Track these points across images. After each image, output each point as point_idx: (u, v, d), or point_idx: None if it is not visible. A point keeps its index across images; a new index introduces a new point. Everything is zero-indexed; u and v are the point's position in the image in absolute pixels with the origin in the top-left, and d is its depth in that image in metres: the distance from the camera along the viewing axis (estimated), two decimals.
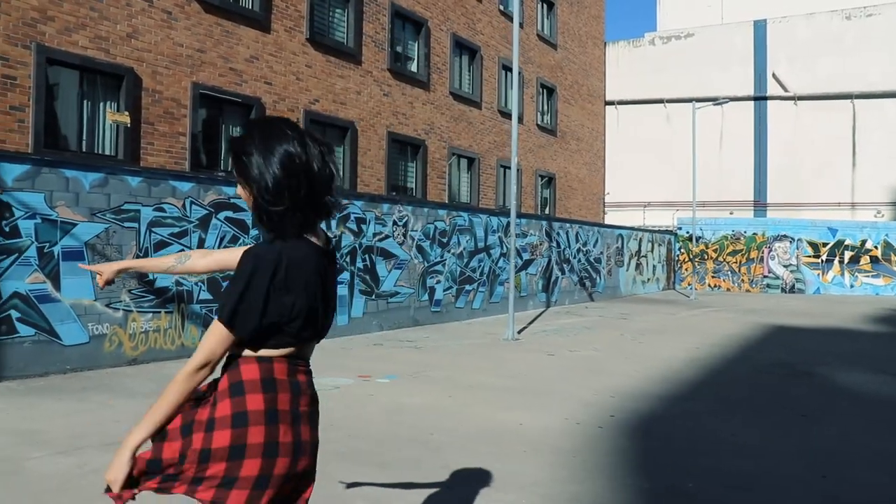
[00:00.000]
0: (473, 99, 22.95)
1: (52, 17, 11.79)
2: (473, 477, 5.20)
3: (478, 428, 6.60)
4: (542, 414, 7.23)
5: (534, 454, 5.81)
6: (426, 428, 6.54)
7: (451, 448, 5.91)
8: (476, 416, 7.05)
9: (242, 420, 2.21)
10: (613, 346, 12.42)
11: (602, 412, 7.35)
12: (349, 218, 12.67)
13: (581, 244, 22.35)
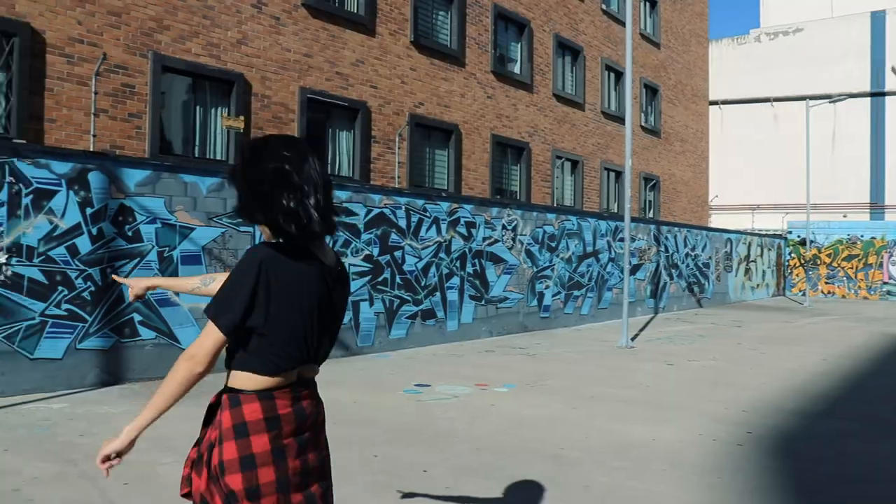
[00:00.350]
0: (576, 100, 22.49)
1: (167, 26, 11.97)
2: (615, 498, 4.86)
3: (608, 442, 6.25)
4: (672, 428, 6.83)
5: (674, 473, 5.43)
6: (554, 441, 6.22)
7: (585, 464, 5.58)
8: (603, 430, 6.69)
9: (250, 463, 2.24)
10: (733, 356, 11.84)
11: (737, 428, 6.89)
12: (459, 222, 12.45)
13: (689, 248, 21.62)
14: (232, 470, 2.24)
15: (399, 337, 11.35)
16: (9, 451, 5.49)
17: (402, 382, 8.72)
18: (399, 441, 6.07)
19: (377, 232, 10.93)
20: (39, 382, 7.53)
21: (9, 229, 7.29)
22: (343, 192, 10.42)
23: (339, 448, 5.80)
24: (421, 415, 7.10)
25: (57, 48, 10.73)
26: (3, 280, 7.26)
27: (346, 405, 7.41)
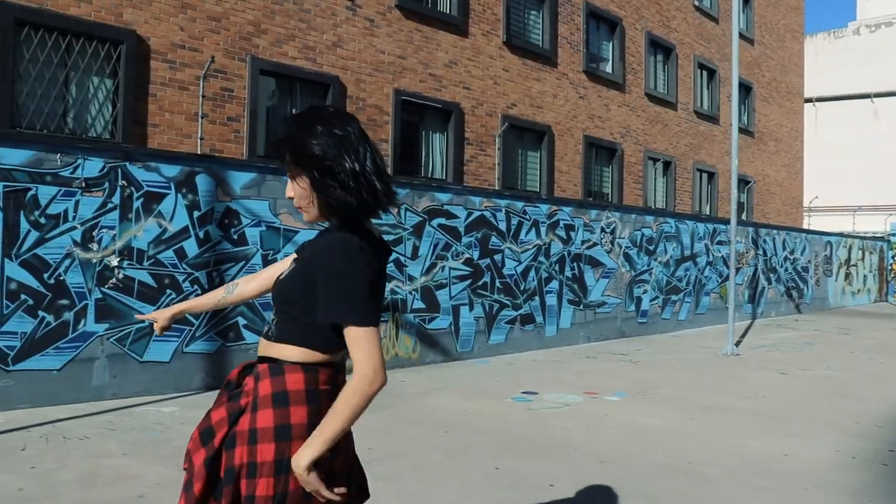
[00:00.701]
0: (668, 100, 21.92)
1: (265, 30, 12.01)
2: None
3: (738, 457, 5.89)
4: (803, 443, 6.42)
5: (821, 494, 5.05)
6: (681, 455, 5.90)
7: (722, 482, 5.24)
8: (730, 444, 6.33)
9: (286, 433, 2.13)
10: (849, 366, 11.25)
11: (877, 445, 6.44)
12: (558, 224, 12.15)
13: (788, 252, 20.82)
14: (265, 439, 2.13)
15: (498, 342, 11.12)
16: (128, 455, 5.45)
17: (508, 390, 8.48)
18: (517, 452, 5.83)
19: (477, 235, 10.72)
20: (148, 385, 7.54)
21: (120, 232, 7.32)
22: (444, 195, 10.24)
23: (458, 459, 5.60)
24: (534, 424, 6.85)
25: (160, 54, 10.85)
26: (114, 283, 7.29)
27: (456, 413, 7.21)
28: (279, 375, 2.18)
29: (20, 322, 6.77)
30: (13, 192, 6.72)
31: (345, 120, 2.22)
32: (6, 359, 6.69)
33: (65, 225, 7.01)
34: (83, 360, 7.13)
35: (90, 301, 7.16)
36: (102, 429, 6.20)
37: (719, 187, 24.62)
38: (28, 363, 6.82)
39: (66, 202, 7.02)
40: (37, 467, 5.11)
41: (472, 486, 4.98)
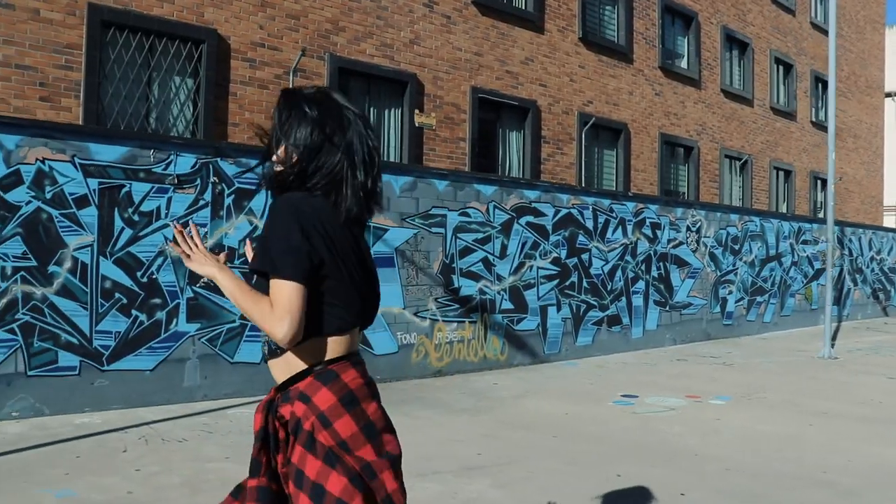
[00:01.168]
0: (745, 96, 21.27)
1: (343, 27, 11.85)
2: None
3: (872, 466, 5.48)
4: None
5: None
6: (809, 463, 5.50)
7: (864, 493, 4.85)
8: (858, 452, 5.91)
9: (333, 460, 1.99)
10: None
11: None
12: (644, 223, 11.76)
13: (874, 252, 20.02)
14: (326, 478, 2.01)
15: (585, 344, 10.77)
16: (230, 460, 5.27)
17: (605, 393, 8.14)
18: (636, 458, 5.50)
19: (565, 233, 10.40)
20: (238, 386, 7.39)
21: (212, 230, 7.19)
22: (532, 192, 9.96)
23: (575, 465, 5.29)
24: (643, 429, 6.51)
25: (240, 53, 10.75)
26: (206, 282, 7.15)
27: (558, 417, 6.90)
28: (308, 403, 2.04)
29: (115, 321, 6.66)
30: (108, 188, 6.63)
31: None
32: (101, 358, 6.59)
33: (157, 222, 6.89)
34: (175, 361, 7.01)
35: (182, 300, 7.03)
36: (199, 431, 6.04)
37: (796, 185, 23.84)
38: (122, 363, 6.71)
39: (159, 199, 6.91)
40: (141, 470, 4.95)
41: (597, 494, 4.66)
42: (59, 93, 9.24)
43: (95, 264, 6.56)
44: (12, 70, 8.89)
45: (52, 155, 6.38)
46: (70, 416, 6.33)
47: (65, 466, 4.97)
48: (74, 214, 6.47)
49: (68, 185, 6.44)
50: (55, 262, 6.37)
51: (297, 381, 2.06)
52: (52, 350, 6.35)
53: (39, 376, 6.30)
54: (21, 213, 6.22)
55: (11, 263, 6.17)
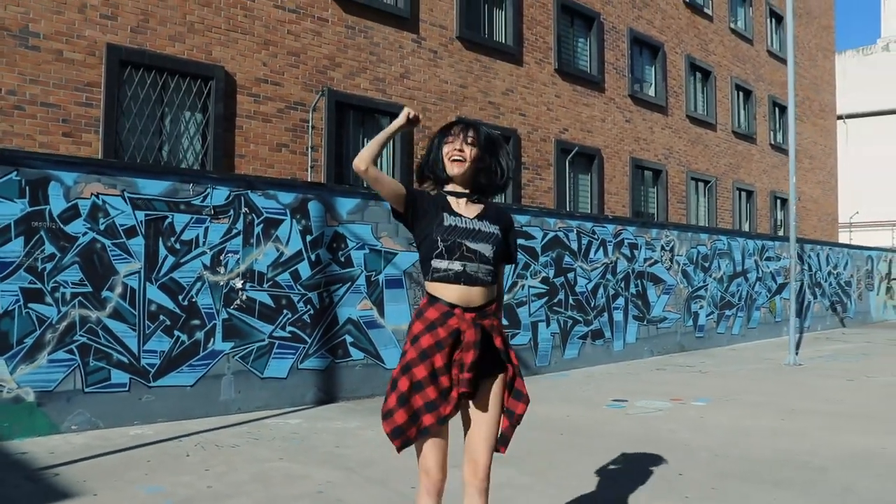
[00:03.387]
0: (709, 121, 22.42)
1: (339, 63, 12.63)
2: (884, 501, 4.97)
3: (842, 450, 6.33)
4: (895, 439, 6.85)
5: None
6: (788, 450, 6.34)
7: (836, 471, 5.68)
8: (831, 441, 6.75)
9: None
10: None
11: None
12: (623, 243, 12.65)
13: (831, 267, 21.16)
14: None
15: (571, 357, 11.59)
16: (285, 460, 5.96)
17: (598, 399, 8.95)
18: (638, 449, 6.30)
19: (552, 255, 11.23)
20: (267, 400, 8.06)
21: (244, 256, 7.89)
22: (523, 217, 10.78)
23: (588, 456, 6.07)
24: (639, 426, 7.31)
25: (245, 88, 11.48)
26: (238, 304, 7.84)
27: (561, 419, 7.67)
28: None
29: (159, 341, 7.32)
30: (153, 219, 7.31)
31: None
32: (148, 375, 7.24)
33: (196, 250, 7.58)
34: (212, 377, 7.67)
35: (218, 321, 7.71)
36: (247, 438, 6.72)
37: (758, 205, 25.02)
38: (166, 379, 7.36)
39: (198, 229, 7.60)
40: (210, 470, 5.62)
41: (610, 476, 5.45)
42: (80, 128, 9.89)
43: (143, 289, 7.23)
44: (38, 108, 9.54)
45: (104, 190, 7.05)
46: (123, 428, 6.96)
47: (141, 469, 5.63)
48: (124, 244, 7.14)
49: (119, 217, 7.11)
50: (108, 288, 7.03)
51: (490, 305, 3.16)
52: (105, 368, 7.00)
53: (95, 393, 6.93)
54: (78, 244, 6.88)
55: (70, 290, 6.82)
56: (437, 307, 3.04)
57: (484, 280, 3.07)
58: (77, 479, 5.29)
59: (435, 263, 3.06)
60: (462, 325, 3.01)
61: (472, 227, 3.10)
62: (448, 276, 3.03)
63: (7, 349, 6.44)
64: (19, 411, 6.49)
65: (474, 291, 3.05)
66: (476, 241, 3.07)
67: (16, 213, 6.54)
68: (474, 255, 3.06)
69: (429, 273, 3.09)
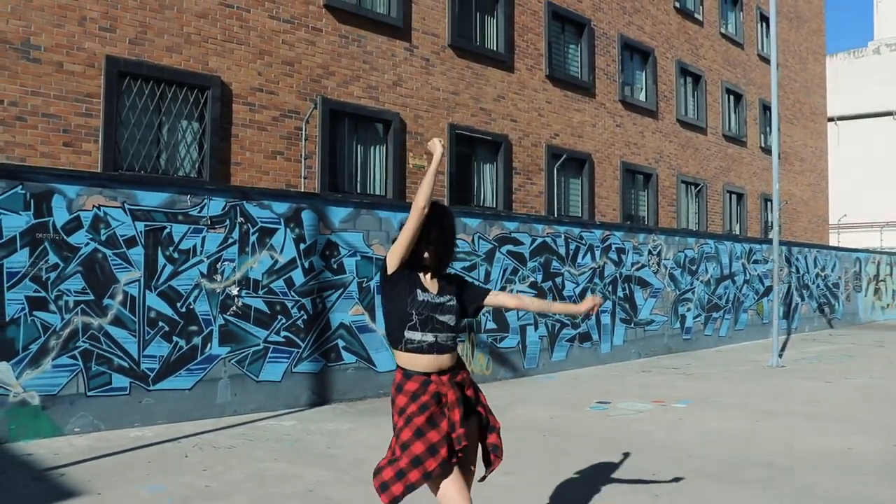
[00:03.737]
0: (699, 125, 22.74)
1: (332, 72, 12.93)
2: (845, 497, 5.28)
3: (808, 450, 6.66)
4: (862, 440, 7.17)
5: (886, 476, 5.81)
6: (757, 451, 6.66)
7: (799, 469, 6.01)
8: (799, 442, 7.08)
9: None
10: (889, 375, 11.96)
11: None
12: (610, 248, 12.97)
13: (819, 269, 21.51)
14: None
15: (559, 359, 11.91)
16: (279, 461, 6.27)
17: (583, 400, 9.27)
18: (615, 449, 6.61)
19: (540, 260, 11.55)
20: (262, 402, 8.37)
21: (239, 264, 8.20)
22: (511, 223, 11.10)
23: (565, 456, 6.39)
24: (618, 428, 7.63)
25: (241, 98, 11.76)
26: (234, 310, 8.15)
27: (545, 420, 7.99)
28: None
29: (158, 346, 7.63)
30: (152, 230, 7.61)
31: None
32: (147, 379, 7.55)
33: (194, 259, 7.89)
34: (209, 381, 7.98)
35: (214, 327, 8.02)
36: (242, 439, 7.03)
37: (748, 207, 25.35)
38: (165, 383, 7.67)
39: (195, 238, 7.90)
40: (208, 470, 5.93)
41: (586, 476, 5.76)
42: (80, 138, 10.17)
43: (142, 297, 7.54)
44: (39, 118, 9.82)
45: (105, 202, 7.36)
46: (124, 430, 7.27)
47: (142, 469, 5.93)
48: (125, 253, 7.44)
49: (119, 227, 7.42)
50: (109, 296, 7.34)
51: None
52: (107, 373, 7.30)
53: (97, 396, 7.24)
54: (81, 254, 7.19)
55: (73, 298, 7.12)
56: (415, 379, 3.36)
57: (451, 347, 3.44)
58: (81, 479, 5.59)
59: (408, 335, 3.36)
60: (442, 389, 3.36)
61: (438, 302, 3.42)
62: (421, 348, 3.35)
63: (13, 355, 6.74)
64: (25, 414, 6.79)
65: (443, 358, 3.41)
66: (443, 314, 3.41)
67: (21, 225, 6.84)
68: (442, 325, 3.40)
69: (401, 343, 3.38)
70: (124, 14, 10.52)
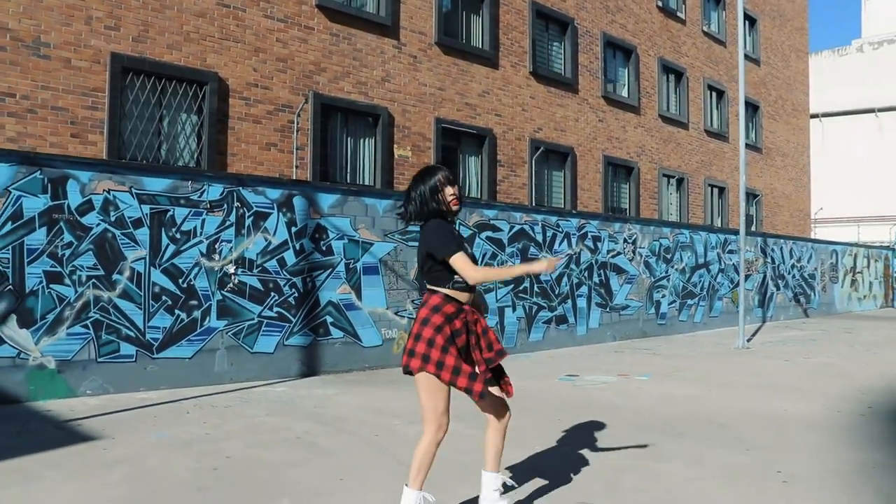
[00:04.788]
0: (681, 120, 23.50)
1: (324, 68, 13.65)
2: (767, 444, 6.05)
3: (748, 412, 7.42)
4: (800, 404, 7.93)
5: (813, 432, 6.58)
6: (702, 412, 7.42)
7: (735, 424, 6.77)
8: (742, 405, 7.84)
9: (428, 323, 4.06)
10: (847, 356, 12.71)
11: (858, 406, 7.94)
12: (587, 236, 13.72)
13: (795, 260, 22.30)
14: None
15: (537, 340, 12.66)
16: (271, 415, 7.02)
17: (553, 374, 10.03)
18: (573, 411, 7.37)
19: (518, 246, 12.30)
20: (256, 372, 9.11)
21: (236, 245, 8.93)
22: (491, 211, 11.84)
23: (527, 415, 7.14)
24: (582, 395, 8.39)
25: (237, 92, 12.49)
26: (231, 287, 8.88)
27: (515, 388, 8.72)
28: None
29: (162, 318, 8.36)
30: (157, 213, 8.34)
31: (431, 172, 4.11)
32: (152, 348, 8.28)
33: (194, 239, 8.62)
34: (208, 351, 8.71)
35: (213, 302, 8.75)
36: (238, 401, 7.77)
37: (730, 201, 26.12)
38: (167, 352, 8.40)
39: (195, 221, 8.63)
40: (207, 423, 6.68)
41: (543, 429, 6.52)
42: (86, 130, 10.88)
43: (148, 273, 8.27)
44: (49, 111, 10.53)
45: (115, 186, 8.08)
46: (130, 394, 8.00)
47: (149, 422, 6.67)
48: (132, 234, 8.17)
49: (127, 210, 8.14)
50: (117, 272, 8.07)
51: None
52: (115, 341, 8.03)
53: (106, 362, 7.97)
54: (92, 233, 7.91)
55: (86, 273, 7.85)
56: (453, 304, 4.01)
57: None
58: (97, 428, 6.33)
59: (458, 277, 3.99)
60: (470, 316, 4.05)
61: None
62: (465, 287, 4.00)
63: (32, 323, 7.48)
64: (43, 377, 7.53)
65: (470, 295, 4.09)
66: None
67: (39, 207, 7.57)
68: None
69: (449, 282, 4.01)
70: (128, 13, 11.23)
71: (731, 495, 4.72)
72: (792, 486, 4.94)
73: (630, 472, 5.20)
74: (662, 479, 5.06)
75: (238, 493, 4.65)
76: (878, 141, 35.29)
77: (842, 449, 5.97)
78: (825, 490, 4.86)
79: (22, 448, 5.64)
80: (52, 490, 4.68)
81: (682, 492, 4.78)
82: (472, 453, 5.36)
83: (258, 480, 4.92)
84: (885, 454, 5.82)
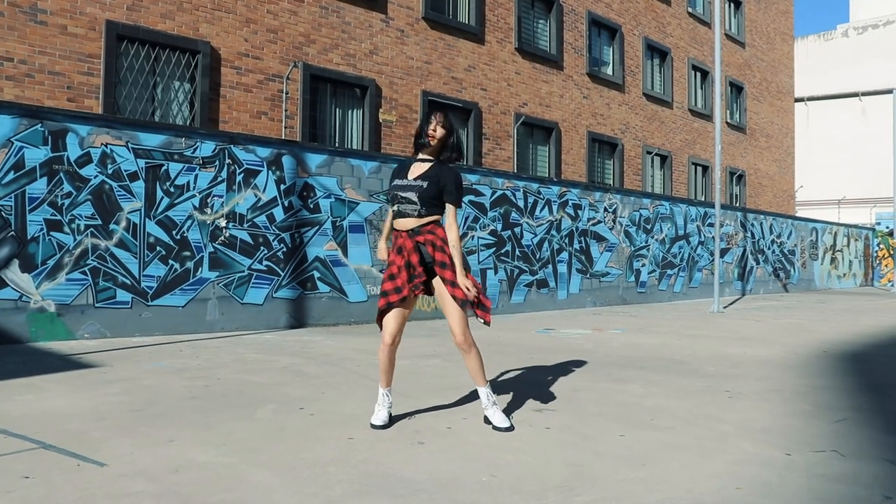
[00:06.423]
0: (665, 99, 23.93)
1: (313, 40, 14.03)
2: (720, 374, 6.52)
3: (710, 354, 7.90)
4: (763, 349, 8.41)
5: (767, 367, 7.06)
6: (667, 354, 7.90)
7: (694, 362, 7.25)
8: (706, 349, 8.33)
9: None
10: (815, 318, 13.22)
11: (816, 351, 8.43)
12: (567, 204, 14.17)
13: (775, 236, 22.80)
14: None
15: (518, 302, 13.13)
16: (258, 353, 7.46)
17: (532, 328, 10.50)
18: (545, 353, 7.84)
19: (500, 210, 12.74)
20: (246, 322, 9.55)
21: (227, 200, 9.34)
22: (473, 176, 12.27)
23: (503, 356, 7.60)
24: (557, 343, 8.86)
25: (229, 62, 12.86)
26: (222, 240, 9.30)
27: (493, 338, 9.20)
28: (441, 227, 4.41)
29: (156, 268, 8.78)
30: (152, 167, 8.75)
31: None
32: (147, 296, 8.70)
33: (187, 193, 9.03)
34: (200, 300, 9.14)
35: (205, 253, 9.18)
36: (229, 343, 8.21)
37: (713, 179, 26.59)
38: (161, 300, 8.83)
39: (188, 176, 9.04)
40: (199, 358, 7.12)
41: (516, 364, 6.98)
42: (82, 94, 11.25)
43: (143, 224, 8.68)
44: (46, 76, 10.89)
45: (112, 140, 8.48)
46: (126, 338, 8.43)
47: (145, 357, 7.11)
48: (128, 186, 8.58)
49: (124, 163, 8.55)
50: (114, 222, 8.48)
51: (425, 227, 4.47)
52: (112, 288, 8.46)
53: (103, 308, 8.39)
54: (91, 185, 8.32)
55: (84, 222, 8.26)
56: (395, 233, 4.54)
57: (410, 213, 4.46)
58: (97, 360, 6.77)
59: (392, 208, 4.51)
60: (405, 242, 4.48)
61: (406, 184, 4.50)
62: (396, 213, 4.49)
63: (33, 268, 7.89)
64: (43, 319, 7.95)
65: (405, 221, 4.48)
66: (405, 192, 4.48)
67: (40, 158, 7.97)
68: (405, 200, 4.48)
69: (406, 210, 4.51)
70: None
71: (678, 406, 5.18)
72: (737, 399, 5.41)
73: (589, 391, 5.67)
74: (619, 395, 5.53)
75: (227, 401, 5.09)
76: (861, 125, 35.81)
77: (790, 377, 6.45)
78: (765, 402, 5.33)
79: (29, 371, 6.08)
80: (60, 397, 5.12)
81: (635, 405, 5.24)
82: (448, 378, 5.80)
83: (246, 393, 5.37)
84: (829, 379, 6.31)
